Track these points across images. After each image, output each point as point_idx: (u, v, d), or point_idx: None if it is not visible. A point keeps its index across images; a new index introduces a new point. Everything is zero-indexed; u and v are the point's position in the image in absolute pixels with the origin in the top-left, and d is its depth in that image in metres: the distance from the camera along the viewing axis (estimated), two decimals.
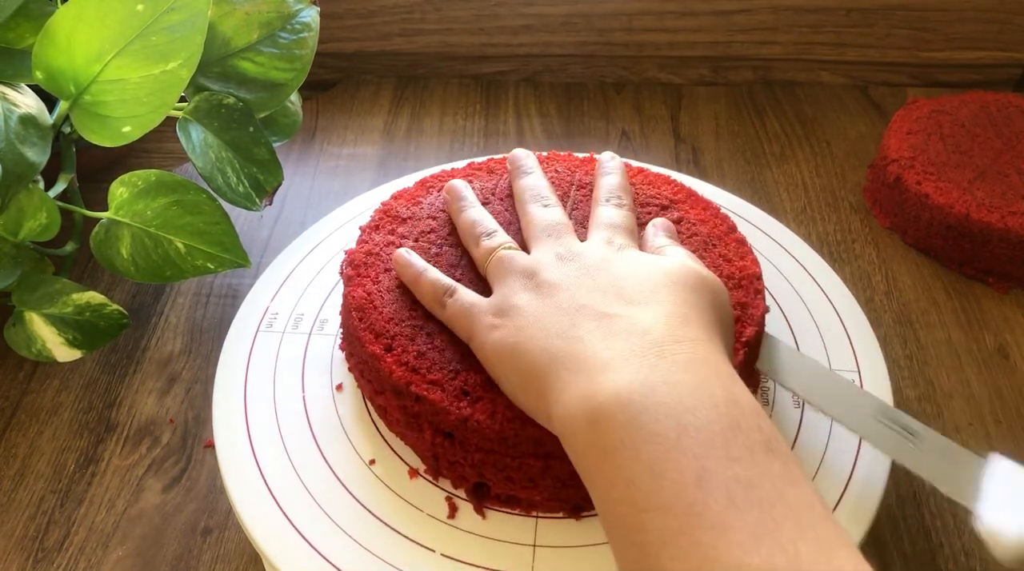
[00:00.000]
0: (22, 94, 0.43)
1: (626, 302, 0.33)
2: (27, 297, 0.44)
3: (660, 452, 0.26)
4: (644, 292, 0.33)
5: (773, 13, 0.69)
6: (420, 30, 0.71)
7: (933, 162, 0.57)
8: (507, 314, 0.34)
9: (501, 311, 0.35)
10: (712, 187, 0.52)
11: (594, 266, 0.35)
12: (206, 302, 0.54)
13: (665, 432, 0.27)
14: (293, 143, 0.67)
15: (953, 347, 0.52)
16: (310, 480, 0.37)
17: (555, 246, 0.37)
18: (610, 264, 0.35)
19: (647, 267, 0.35)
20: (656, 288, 0.33)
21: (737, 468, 0.26)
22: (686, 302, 0.33)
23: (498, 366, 0.34)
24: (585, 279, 0.34)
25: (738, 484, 0.25)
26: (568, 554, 0.35)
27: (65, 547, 0.42)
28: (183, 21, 0.41)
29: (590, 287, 0.34)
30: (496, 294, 0.36)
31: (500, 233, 0.39)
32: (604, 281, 0.34)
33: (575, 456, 0.30)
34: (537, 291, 0.34)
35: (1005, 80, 0.73)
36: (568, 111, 0.71)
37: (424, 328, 0.38)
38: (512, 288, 0.35)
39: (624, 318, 0.32)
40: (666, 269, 0.35)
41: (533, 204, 0.41)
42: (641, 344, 0.30)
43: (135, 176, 0.45)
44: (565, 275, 0.35)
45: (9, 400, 0.49)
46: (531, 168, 0.44)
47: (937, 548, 0.42)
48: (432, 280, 0.38)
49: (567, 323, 0.32)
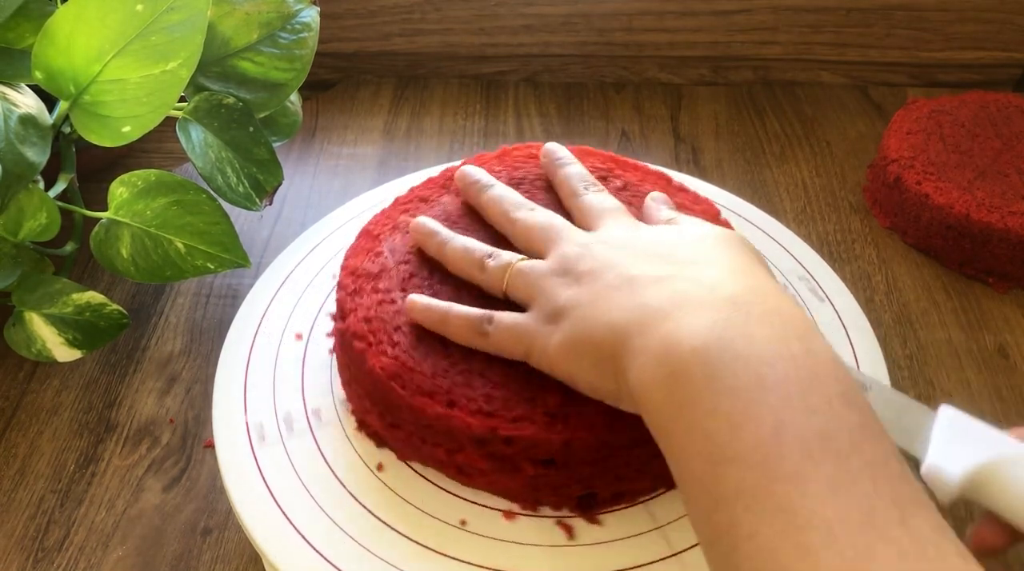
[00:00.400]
0: (22, 94, 0.43)
1: (679, 264, 0.32)
2: (27, 297, 0.44)
3: (738, 405, 0.26)
4: (692, 254, 0.32)
5: (773, 13, 0.69)
6: (420, 30, 0.71)
7: (933, 162, 0.57)
8: (560, 315, 0.33)
9: (551, 316, 0.33)
10: (712, 187, 0.52)
11: (625, 244, 0.34)
12: (206, 302, 0.54)
13: (743, 385, 0.26)
14: (293, 143, 0.67)
15: (953, 347, 0.52)
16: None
17: (570, 240, 0.36)
18: (640, 238, 0.34)
19: (680, 234, 0.34)
20: (702, 249, 0.33)
21: (814, 420, 0.25)
22: (740, 257, 0.32)
23: (567, 367, 0.33)
24: (624, 256, 0.33)
25: (815, 436, 0.25)
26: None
27: (65, 547, 0.42)
28: (183, 21, 0.41)
29: (633, 261, 0.33)
30: (536, 304, 0.35)
31: (501, 251, 0.38)
32: (644, 252, 0.33)
33: (652, 416, 0.29)
34: (579, 283, 0.33)
35: (1005, 80, 0.73)
36: (568, 111, 0.71)
37: (472, 368, 0.36)
38: (551, 292, 0.34)
39: (685, 277, 0.31)
40: (700, 233, 0.34)
41: (518, 211, 0.39)
42: (712, 298, 0.29)
43: (135, 176, 0.45)
44: (601, 258, 0.34)
45: (9, 400, 0.49)
46: (490, 180, 0.42)
47: None
48: (463, 315, 0.36)
49: (624, 296, 0.31)
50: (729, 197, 0.52)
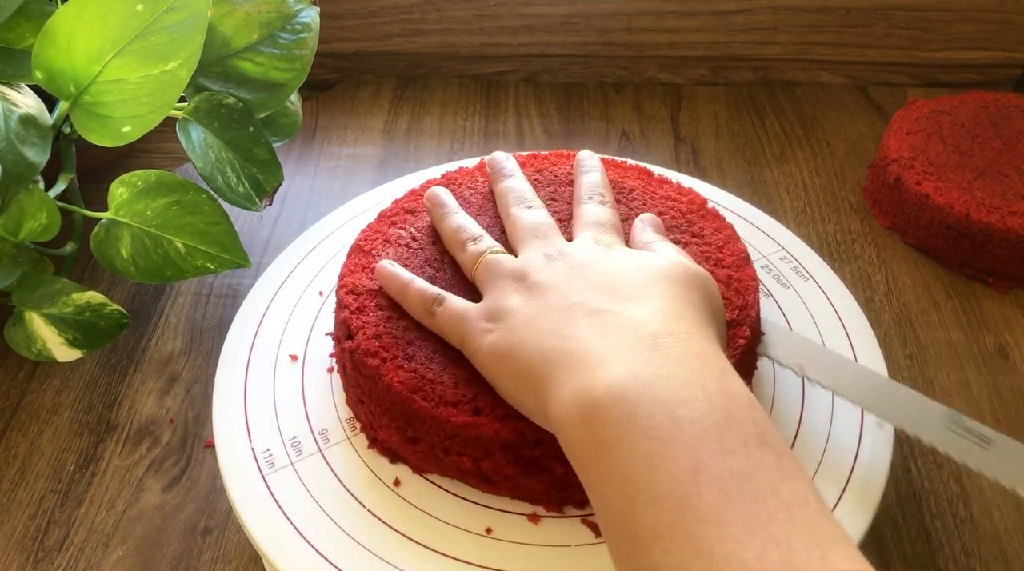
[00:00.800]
0: (22, 94, 0.43)
1: (619, 298, 0.33)
2: (27, 297, 0.44)
3: (655, 446, 0.26)
4: (636, 288, 0.33)
5: (773, 13, 0.69)
6: (420, 30, 0.71)
7: (933, 162, 0.57)
8: (500, 318, 0.34)
9: (493, 315, 0.35)
10: (712, 187, 0.52)
11: (584, 264, 0.35)
12: (206, 302, 0.54)
13: (660, 426, 0.27)
14: (293, 143, 0.67)
15: (953, 347, 0.52)
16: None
17: (543, 246, 0.37)
18: (601, 262, 0.35)
19: (638, 264, 0.35)
20: (648, 284, 0.33)
21: (731, 461, 0.26)
22: (678, 297, 0.33)
23: (493, 370, 0.34)
24: (576, 278, 0.34)
25: (732, 477, 0.25)
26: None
27: (65, 547, 0.42)
28: (183, 21, 0.41)
29: (581, 285, 0.34)
30: (487, 298, 0.36)
31: (486, 238, 0.39)
32: (595, 279, 0.34)
33: (571, 452, 0.30)
34: (528, 293, 0.34)
35: (1005, 80, 0.73)
36: (568, 111, 0.71)
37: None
38: (503, 291, 0.35)
39: (617, 314, 0.32)
40: (657, 265, 0.35)
41: (516, 206, 0.41)
42: (635, 338, 0.30)
43: (135, 176, 0.45)
44: (555, 275, 0.35)
45: (9, 400, 0.49)
46: (511, 170, 0.44)
47: (937, 548, 0.42)
48: (419, 290, 0.38)
49: (560, 322, 0.32)
50: (729, 197, 0.52)
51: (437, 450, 0.36)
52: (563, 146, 0.67)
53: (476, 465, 0.35)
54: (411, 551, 0.35)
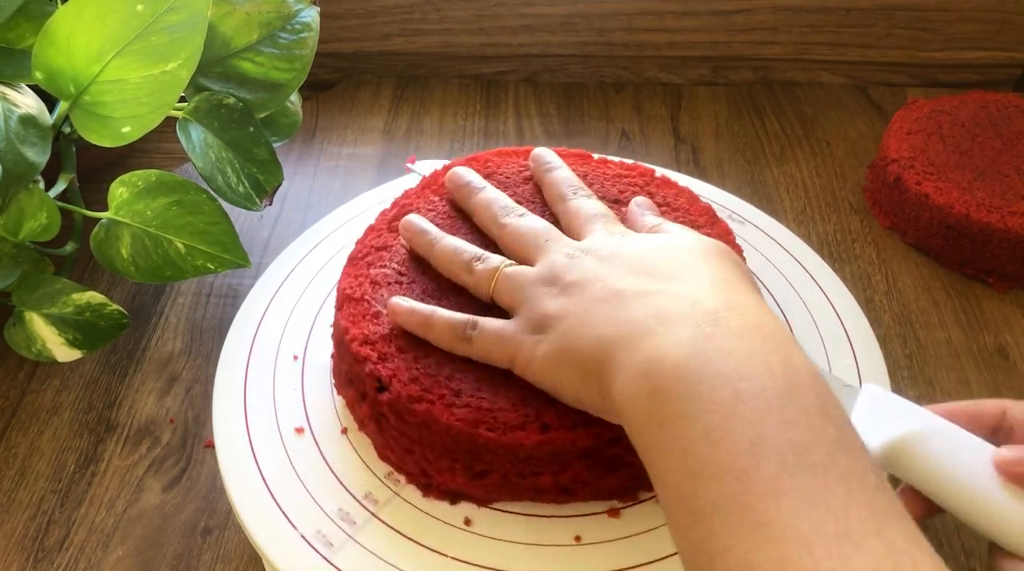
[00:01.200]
0: (22, 94, 0.43)
1: (664, 279, 0.32)
2: (27, 297, 0.44)
3: (717, 420, 0.26)
4: (676, 267, 0.33)
5: (773, 13, 0.69)
6: (420, 30, 0.71)
7: (933, 162, 0.57)
8: (546, 325, 0.33)
9: (538, 325, 0.34)
10: (712, 187, 0.52)
11: (612, 254, 0.35)
12: (206, 302, 0.54)
13: (721, 400, 0.27)
14: (293, 143, 0.67)
15: (953, 347, 0.52)
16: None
17: (560, 248, 0.36)
18: (625, 248, 0.35)
19: (664, 245, 0.34)
20: (686, 262, 0.33)
21: (791, 433, 0.26)
22: (721, 269, 0.33)
23: (551, 378, 0.33)
24: (610, 268, 0.34)
25: (791, 449, 0.25)
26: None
27: (65, 547, 0.42)
28: (183, 21, 0.41)
29: (620, 273, 0.33)
30: (522, 311, 0.35)
31: (491, 254, 0.38)
32: (631, 265, 0.33)
33: (634, 432, 0.29)
34: (566, 294, 0.34)
35: (1005, 80, 0.73)
36: (568, 111, 0.71)
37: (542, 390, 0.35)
38: (537, 300, 0.34)
39: (668, 293, 0.31)
40: (685, 243, 0.34)
41: (507, 217, 0.39)
42: (693, 313, 0.30)
43: (135, 176, 0.45)
44: (587, 269, 0.34)
45: (9, 400, 0.49)
46: (481, 183, 0.43)
47: (937, 548, 0.42)
48: (448, 319, 0.36)
49: (611, 310, 0.32)
50: (729, 197, 0.52)
51: (511, 477, 0.35)
52: (563, 146, 0.66)
53: (555, 480, 0.35)
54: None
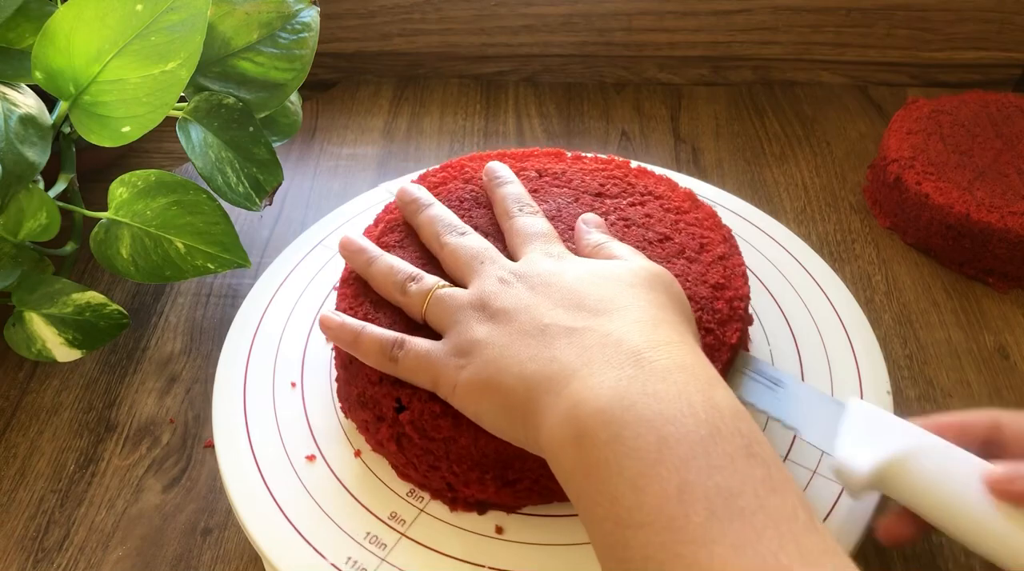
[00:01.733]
0: (22, 94, 0.43)
1: (591, 314, 0.32)
2: (27, 297, 0.44)
3: (642, 467, 0.26)
4: (606, 300, 0.32)
5: (773, 13, 0.69)
6: (420, 30, 0.71)
7: (933, 162, 0.57)
8: (470, 351, 0.33)
9: (462, 350, 0.33)
10: (712, 187, 0.52)
11: (544, 283, 0.34)
12: (206, 302, 0.54)
13: (646, 446, 0.26)
14: (293, 143, 0.67)
15: (953, 347, 0.52)
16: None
17: (493, 271, 0.36)
18: (560, 277, 0.34)
19: (600, 274, 0.34)
20: (616, 294, 0.33)
21: (718, 477, 0.25)
22: (651, 303, 0.32)
23: (474, 406, 0.33)
24: (540, 297, 0.33)
25: (719, 494, 0.25)
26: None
27: (65, 547, 0.42)
28: (183, 21, 0.41)
29: (548, 305, 0.33)
30: (450, 335, 0.34)
31: (425, 275, 0.37)
32: (561, 296, 0.33)
33: (563, 478, 0.29)
34: (494, 321, 0.33)
35: (1005, 80, 0.73)
36: (568, 111, 0.71)
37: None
38: (466, 324, 0.34)
39: (594, 330, 0.31)
40: (619, 273, 0.34)
41: (448, 235, 0.39)
42: (617, 355, 0.29)
43: (135, 176, 0.45)
44: (517, 298, 0.34)
45: (9, 400, 0.49)
46: (428, 199, 0.42)
47: (937, 548, 0.42)
48: (376, 337, 0.36)
49: (536, 346, 0.31)
50: (729, 197, 0.52)
51: (541, 480, 0.35)
52: (563, 146, 0.67)
53: None
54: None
